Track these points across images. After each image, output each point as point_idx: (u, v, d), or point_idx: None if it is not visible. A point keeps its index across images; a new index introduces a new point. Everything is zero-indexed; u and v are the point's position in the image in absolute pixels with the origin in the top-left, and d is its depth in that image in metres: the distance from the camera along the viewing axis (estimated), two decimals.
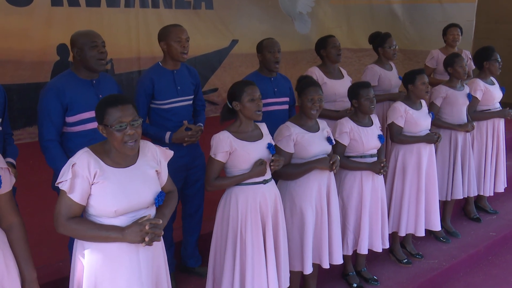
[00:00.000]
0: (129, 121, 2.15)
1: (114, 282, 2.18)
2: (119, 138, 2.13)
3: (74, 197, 2.13)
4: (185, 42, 3.22)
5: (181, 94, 3.31)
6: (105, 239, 2.15)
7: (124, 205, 2.16)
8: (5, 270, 2.05)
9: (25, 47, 5.69)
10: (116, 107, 2.14)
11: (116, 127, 2.12)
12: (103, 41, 2.86)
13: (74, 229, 2.15)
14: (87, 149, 2.20)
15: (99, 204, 2.16)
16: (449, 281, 4.12)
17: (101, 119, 2.17)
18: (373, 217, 3.59)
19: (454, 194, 4.48)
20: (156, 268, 2.33)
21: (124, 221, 2.18)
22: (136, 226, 2.15)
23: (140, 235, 2.14)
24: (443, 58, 5.16)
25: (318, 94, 3.12)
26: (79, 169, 2.13)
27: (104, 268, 2.17)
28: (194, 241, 3.57)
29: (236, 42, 7.70)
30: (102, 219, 2.18)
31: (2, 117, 2.70)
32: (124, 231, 2.14)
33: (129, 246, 2.18)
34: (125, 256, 2.19)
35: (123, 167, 2.22)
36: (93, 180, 2.14)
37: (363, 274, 3.87)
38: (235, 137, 2.82)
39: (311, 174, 3.13)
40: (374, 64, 4.69)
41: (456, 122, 4.42)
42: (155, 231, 2.16)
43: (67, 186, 2.12)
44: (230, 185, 2.87)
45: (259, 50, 3.69)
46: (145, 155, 2.31)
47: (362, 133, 3.47)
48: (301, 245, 3.15)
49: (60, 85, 2.80)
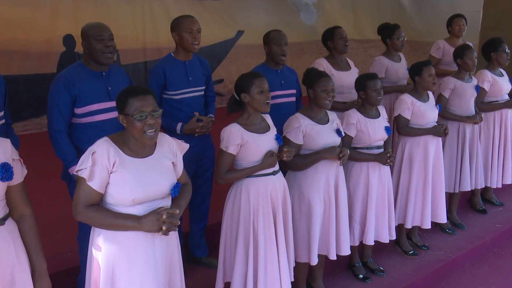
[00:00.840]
0: (150, 111, 2.18)
1: (130, 270, 2.21)
2: (140, 127, 2.17)
3: (93, 185, 2.16)
4: (196, 33, 3.24)
5: (193, 85, 3.33)
6: (122, 227, 2.18)
7: (141, 194, 2.19)
8: (16, 261, 2.07)
9: (31, 37, 5.68)
10: (137, 97, 2.18)
11: (137, 117, 2.16)
12: (111, 34, 2.85)
13: (91, 216, 2.18)
14: (107, 138, 2.24)
15: (117, 193, 2.19)
16: (455, 273, 4.13)
17: (122, 108, 2.21)
18: (380, 208, 3.60)
19: (462, 186, 4.48)
20: (170, 257, 2.36)
21: (141, 210, 2.20)
22: (154, 215, 2.18)
23: (157, 224, 2.16)
24: (448, 49, 5.15)
25: (331, 84, 3.13)
26: (98, 157, 2.16)
27: (121, 257, 2.20)
28: (200, 230, 3.59)
29: (242, 33, 7.67)
30: (119, 208, 2.20)
31: (3, 108, 2.71)
32: (141, 220, 2.17)
33: (145, 235, 2.21)
34: (141, 245, 2.21)
35: (141, 157, 2.25)
36: (112, 168, 2.17)
37: (369, 265, 3.88)
38: (245, 130, 2.82)
39: (319, 166, 3.13)
40: (382, 56, 4.67)
41: (464, 114, 4.41)
42: (172, 220, 2.19)
43: (87, 174, 2.15)
44: (241, 178, 2.87)
45: (266, 42, 3.67)
46: (162, 146, 2.34)
47: (369, 124, 3.47)
48: (308, 236, 3.17)
49: (69, 76, 2.81)
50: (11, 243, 2.06)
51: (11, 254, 2.05)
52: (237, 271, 2.88)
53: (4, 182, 2.01)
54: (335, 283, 3.70)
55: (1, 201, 2.05)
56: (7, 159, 2.03)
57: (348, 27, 8.41)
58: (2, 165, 1.99)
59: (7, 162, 2.02)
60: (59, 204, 3.53)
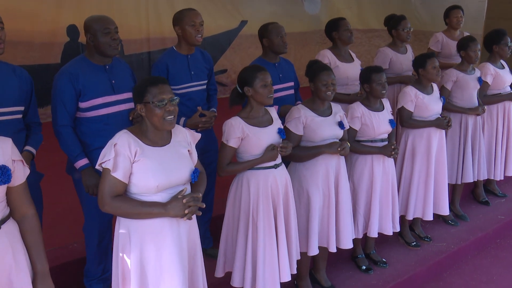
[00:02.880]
0: (169, 98, 2.28)
1: (158, 256, 2.27)
2: (160, 114, 2.25)
3: (118, 175, 2.22)
4: (199, 26, 3.23)
5: (195, 79, 3.33)
6: (148, 215, 2.25)
7: (164, 181, 2.26)
8: (13, 264, 2.02)
9: (35, 28, 5.71)
10: (156, 86, 2.28)
11: (157, 103, 2.24)
12: (116, 26, 2.85)
13: (118, 206, 2.25)
14: (126, 130, 2.32)
15: (140, 181, 2.25)
16: (457, 264, 4.16)
17: (141, 97, 2.29)
18: (384, 201, 3.62)
19: (464, 178, 4.49)
20: (193, 242, 2.44)
21: (164, 197, 2.28)
22: (178, 201, 2.26)
23: (182, 209, 2.24)
24: (447, 41, 5.13)
25: (331, 77, 3.14)
26: (120, 148, 2.23)
27: (149, 244, 2.27)
28: (205, 222, 3.61)
29: (245, 23, 7.67)
30: (143, 197, 2.27)
31: (28, 105, 2.72)
32: (167, 206, 2.24)
33: (170, 221, 2.28)
34: (167, 230, 2.28)
35: (160, 146, 2.33)
36: (134, 158, 2.24)
37: (372, 256, 3.91)
38: (247, 123, 2.85)
39: (319, 158, 3.16)
40: (386, 47, 4.66)
41: (467, 106, 4.41)
42: (196, 203, 2.28)
43: (111, 165, 2.21)
44: (242, 170, 2.91)
45: (265, 35, 3.62)
46: (176, 136, 2.43)
47: (373, 117, 3.48)
48: (307, 228, 3.19)
49: (73, 70, 2.80)
50: (8, 246, 2.00)
51: (8, 257, 2.00)
52: (237, 262, 2.94)
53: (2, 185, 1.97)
54: (338, 274, 3.73)
55: (1, 203, 2.01)
56: (6, 161, 1.98)
57: (352, 17, 8.42)
58: (0, 168, 1.94)
59: (5, 165, 1.96)
60: (65, 195, 3.56)
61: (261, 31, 3.68)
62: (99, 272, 3.04)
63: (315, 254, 3.23)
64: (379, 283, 3.64)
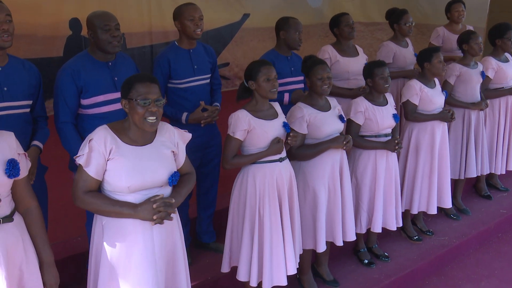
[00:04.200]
0: (154, 99, 2.21)
1: (129, 257, 2.24)
2: (141, 113, 2.19)
3: (90, 171, 2.20)
4: (198, 21, 3.23)
5: (198, 73, 3.33)
6: (118, 214, 2.21)
7: (137, 182, 2.21)
8: (23, 255, 2.09)
9: (38, 21, 5.68)
10: (144, 83, 2.22)
11: (140, 102, 2.18)
12: (118, 23, 2.83)
13: (89, 202, 2.22)
14: (106, 126, 2.27)
15: (113, 180, 2.22)
16: (459, 258, 4.18)
17: (127, 93, 2.23)
18: (387, 196, 3.63)
19: (467, 173, 4.50)
20: (171, 245, 2.38)
21: (138, 198, 2.23)
22: (149, 204, 2.20)
23: (152, 213, 2.20)
24: (448, 35, 5.12)
25: (326, 71, 3.13)
26: (95, 144, 2.19)
27: (120, 243, 2.24)
28: (208, 217, 3.63)
29: (247, 16, 7.63)
30: (117, 195, 2.24)
31: (36, 99, 2.73)
32: (137, 208, 2.20)
33: (143, 223, 2.24)
34: (139, 232, 2.24)
35: (140, 145, 2.27)
36: (108, 156, 2.20)
37: (374, 250, 3.93)
38: (253, 116, 2.85)
39: (324, 154, 3.16)
40: (390, 41, 4.65)
41: (470, 101, 4.40)
42: (167, 209, 2.22)
43: (83, 160, 2.19)
44: (247, 163, 2.91)
45: (283, 27, 3.67)
46: (162, 135, 2.36)
47: (377, 112, 3.48)
48: (314, 224, 3.20)
49: (75, 66, 2.79)
50: (19, 237, 2.07)
51: (20, 248, 2.07)
52: (243, 256, 2.94)
53: (11, 179, 2.02)
54: (340, 268, 3.75)
55: (7, 197, 2.06)
56: (13, 155, 2.03)
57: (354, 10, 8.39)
58: (9, 162, 1.99)
59: (14, 159, 2.02)
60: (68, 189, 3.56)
61: (280, 23, 3.71)
62: None
63: (324, 250, 3.24)
64: (381, 277, 3.67)
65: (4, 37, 2.47)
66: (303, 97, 3.32)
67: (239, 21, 7.65)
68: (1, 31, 2.45)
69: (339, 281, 3.57)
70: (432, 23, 8.80)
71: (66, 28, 5.94)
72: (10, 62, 2.61)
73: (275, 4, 7.71)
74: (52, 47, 5.87)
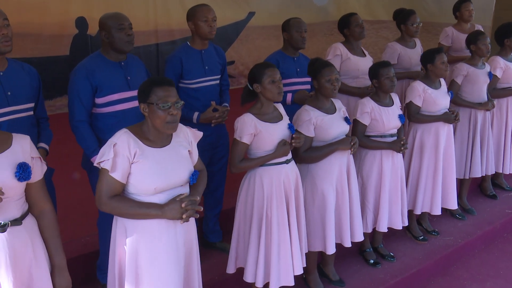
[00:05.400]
0: (173, 102, 2.24)
1: (154, 258, 2.28)
2: (163, 117, 2.22)
3: (116, 176, 2.22)
4: (211, 22, 3.26)
5: (209, 73, 3.37)
6: (145, 216, 2.24)
7: (162, 183, 2.25)
8: (33, 259, 2.10)
9: (44, 20, 5.70)
10: (162, 87, 2.24)
11: (161, 106, 2.21)
12: (130, 23, 2.89)
13: (115, 207, 2.25)
14: (126, 129, 2.29)
15: (139, 182, 2.25)
16: (464, 258, 4.18)
17: (146, 97, 2.25)
18: (393, 195, 3.64)
19: (472, 173, 4.50)
20: (189, 243, 2.43)
21: (162, 199, 2.27)
22: (176, 203, 2.24)
23: (180, 212, 2.24)
24: (457, 35, 5.10)
25: (335, 73, 3.14)
26: (120, 148, 2.21)
27: (145, 245, 2.27)
28: (215, 216, 3.65)
29: (253, 14, 7.64)
30: (141, 197, 2.27)
31: (36, 101, 2.76)
32: (164, 208, 2.23)
33: (167, 223, 2.28)
34: (164, 232, 2.28)
35: (159, 147, 2.31)
36: (133, 159, 2.23)
37: (380, 250, 3.94)
38: (259, 119, 2.86)
39: (332, 156, 3.17)
40: (395, 42, 4.63)
41: (476, 101, 4.40)
42: (193, 207, 2.27)
43: (109, 165, 2.21)
44: (255, 166, 2.92)
45: (286, 28, 3.71)
46: (177, 136, 2.40)
47: (383, 113, 3.49)
48: (323, 226, 3.22)
49: (89, 66, 2.84)
50: (28, 241, 2.09)
51: (29, 251, 2.08)
52: (250, 257, 2.96)
53: (22, 182, 2.03)
54: (346, 268, 3.76)
55: (19, 200, 2.08)
56: (25, 159, 2.05)
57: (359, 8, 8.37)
58: (20, 166, 2.01)
59: (25, 162, 2.04)
60: (75, 189, 3.60)
61: (283, 25, 3.75)
62: None
63: (333, 252, 3.26)
64: (387, 277, 3.68)
65: (4, 42, 2.47)
66: (309, 99, 3.33)
67: (244, 19, 7.66)
68: (0, 36, 2.45)
69: (345, 281, 3.59)
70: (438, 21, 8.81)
71: (73, 27, 5.96)
72: (10, 66, 2.62)
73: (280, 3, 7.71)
74: (58, 46, 5.89)
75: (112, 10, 3.05)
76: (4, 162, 1.98)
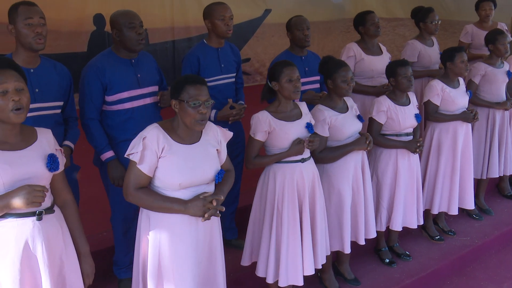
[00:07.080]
0: (204, 100, 2.29)
1: (175, 251, 2.33)
2: (193, 114, 2.27)
3: (143, 168, 2.28)
4: (228, 20, 3.27)
5: (225, 71, 3.39)
6: (168, 210, 2.29)
7: (188, 179, 2.30)
8: (63, 246, 2.18)
9: (62, 17, 5.77)
10: (194, 85, 2.30)
11: (191, 104, 2.26)
12: (141, 21, 2.90)
13: (141, 198, 2.31)
14: (157, 124, 2.35)
15: (165, 177, 2.30)
16: (481, 259, 4.14)
17: (178, 94, 2.31)
18: (409, 194, 3.62)
19: (490, 173, 4.46)
20: (211, 240, 2.47)
21: (187, 195, 2.31)
22: (199, 201, 2.29)
23: (203, 210, 2.28)
24: (477, 32, 5.07)
25: (350, 74, 3.13)
26: (149, 142, 2.27)
27: (166, 237, 2.32)
28: (231, 213, 3.66)
29: (269, 11, 7.64)
30: (167, 192, 2.32)
31: (66, 100, 2.80)
32: (187, 204, 2.28)
33: (189, 219, 2.32)
34: (185, 228, 2.33)
35: (188, 144, 2.36)
36: (161, 153, 2.28)
37: (396, 249, 3.92)
38: (274, 117, 2.87)
39: (347, 155, 3.17)
40: (415, 40, 4.59)
41: (495, 100, 4.36)
42: (217, 206, 2.31)
43: (138, 158, 2.27)
44: (269, 163, 2.94)
45: (288, 28, 3.70)
46: (207, 134, 2.45)
47: (399, 112, 3.47)
48: (340, 226, 3.22)
49: (100, 64, 2.86)
50: (59, 229, 2.17)
51: (60, 240, 2.16)
52: (262, 252, 2.98)
53: (51, 173, 2.11)
54: (361, 266, 3.76)
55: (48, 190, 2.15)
56: (52, 150, 2.13)
57: (376, 6, 8.33)
58: (50, 156, 2.09)
59: (54, 153, 2.12)
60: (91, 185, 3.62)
61: (286, 24, 3.74)
62: (127, 261, 3.11)
63: (350, 251, 3.26)
64: (402, 276, 3.66)
65: (38, 40, 2.53)
66: (322, 99, 3.32)
67: (260, 16, 7.67)
68: (35, 34, 2.52)
69: (360, 280, 3.58)
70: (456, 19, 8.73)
71: (90, 24, 6.03)
72: (42, 63, 2.67)
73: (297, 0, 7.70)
74: (76, 43, 5.96)
75: (129, 7, 3.08)
76: (35, 155, 2.06)
